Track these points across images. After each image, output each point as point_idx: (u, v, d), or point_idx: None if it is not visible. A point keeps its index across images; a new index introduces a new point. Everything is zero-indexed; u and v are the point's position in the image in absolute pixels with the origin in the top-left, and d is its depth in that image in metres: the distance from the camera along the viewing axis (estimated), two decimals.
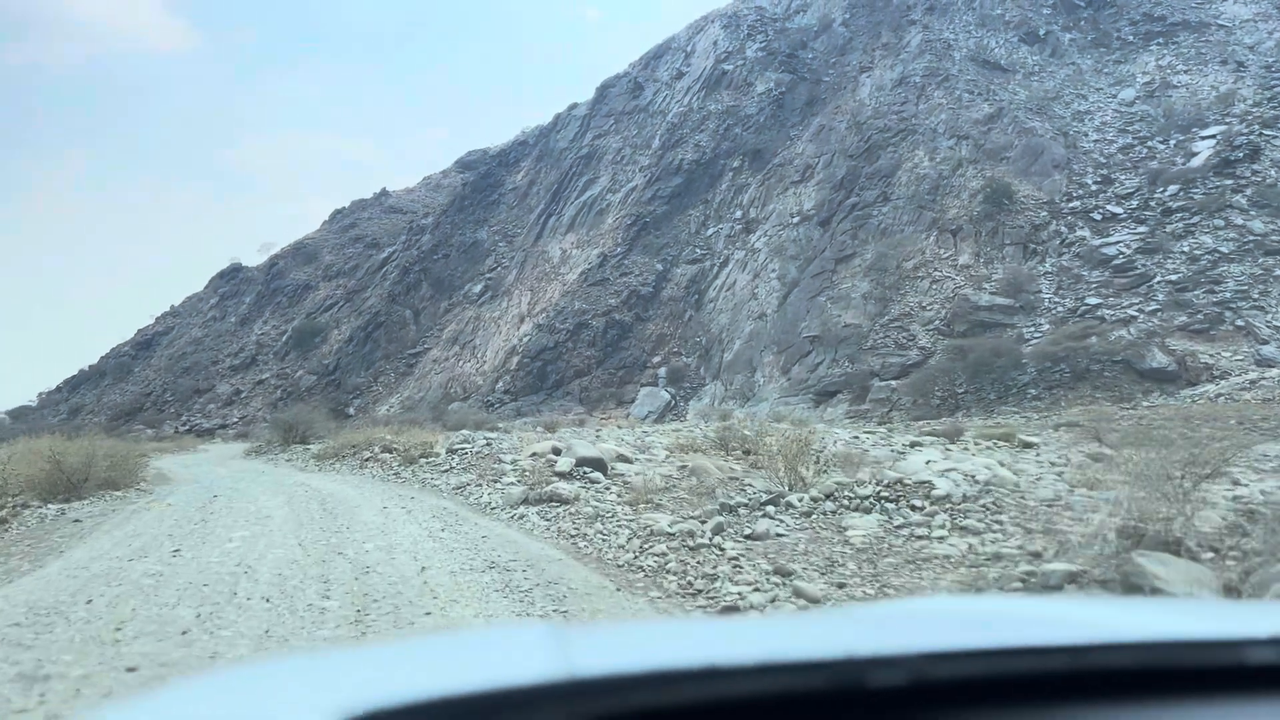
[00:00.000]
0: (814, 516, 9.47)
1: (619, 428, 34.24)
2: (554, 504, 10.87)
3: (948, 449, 16.11)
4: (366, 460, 18.21)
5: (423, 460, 16.37)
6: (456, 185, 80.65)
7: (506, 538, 9.04)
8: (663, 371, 48.25)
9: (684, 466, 13.37)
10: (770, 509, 9.74)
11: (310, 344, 68.53)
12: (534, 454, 14.97)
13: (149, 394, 70.20)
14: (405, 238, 74.45)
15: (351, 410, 56.84)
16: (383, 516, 10.57)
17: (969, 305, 41.09)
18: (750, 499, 10.27)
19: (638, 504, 10.45)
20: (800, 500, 9.97)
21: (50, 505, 12.74)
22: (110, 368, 78.37)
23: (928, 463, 12.28)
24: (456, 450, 16.57)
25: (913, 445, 16.89)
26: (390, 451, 18.19)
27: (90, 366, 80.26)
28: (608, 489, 11.81)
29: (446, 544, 8.54)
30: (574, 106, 71.43)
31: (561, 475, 12.61)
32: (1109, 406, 31.05)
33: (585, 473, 12.85)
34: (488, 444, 17.16)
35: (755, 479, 11.97)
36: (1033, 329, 39.27)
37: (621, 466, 13.65)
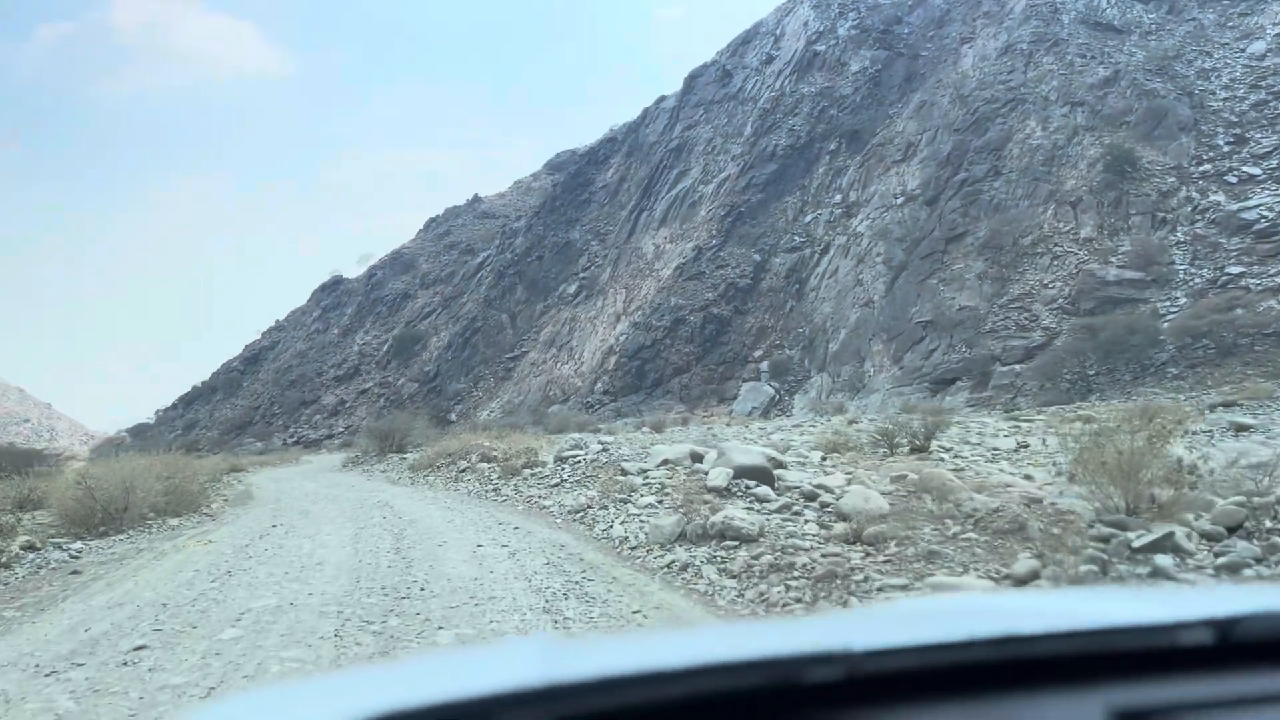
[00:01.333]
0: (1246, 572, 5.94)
1: (727, 424, 32.74)
2: (729, 543, 7.77)
3: None
4: (463, 471, 16.85)
5: (527, 471, 14.50)
6: (547, 187, 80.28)
7: (681, 617, 6.12)
8: (765, 365, 46.51)
9: (901, 478, 10.33)
10: (1157, 558, 6.22)
11: (410, 352, 68.93)
12: (667, 462, 12.55)
13: (257, 407, 71.69)
14: (498, 242, 74.33)
15: (453, 416, 56.71)
16: (475, 564, 8.09)
17: (1095, 281, 38.22)
18: (1103, 537, 6.67)
19: (880, 543, 7.21)
20: (1189, 539, 6.55)
21: (75, 543, 11.13)
22: (221, 383, 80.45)
23: None
24: (566, 458, 14.45)
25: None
26: (489, 461, 16.64)
27: (203, 383, 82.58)
28: (799, 515, 8.81)
29: (579, 629, 5.95)
30: (662, 99, 70.11)
31: (718, 492, 9.88)
32: (1265, 383, 28.18)
33: (748, 488, 9.96)
34: (604, 449, 14.90)
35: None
36: (1168, 303, 36.23)
37: (789, 477, 10.72)
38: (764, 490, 9.93)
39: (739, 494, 9.80)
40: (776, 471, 10.72)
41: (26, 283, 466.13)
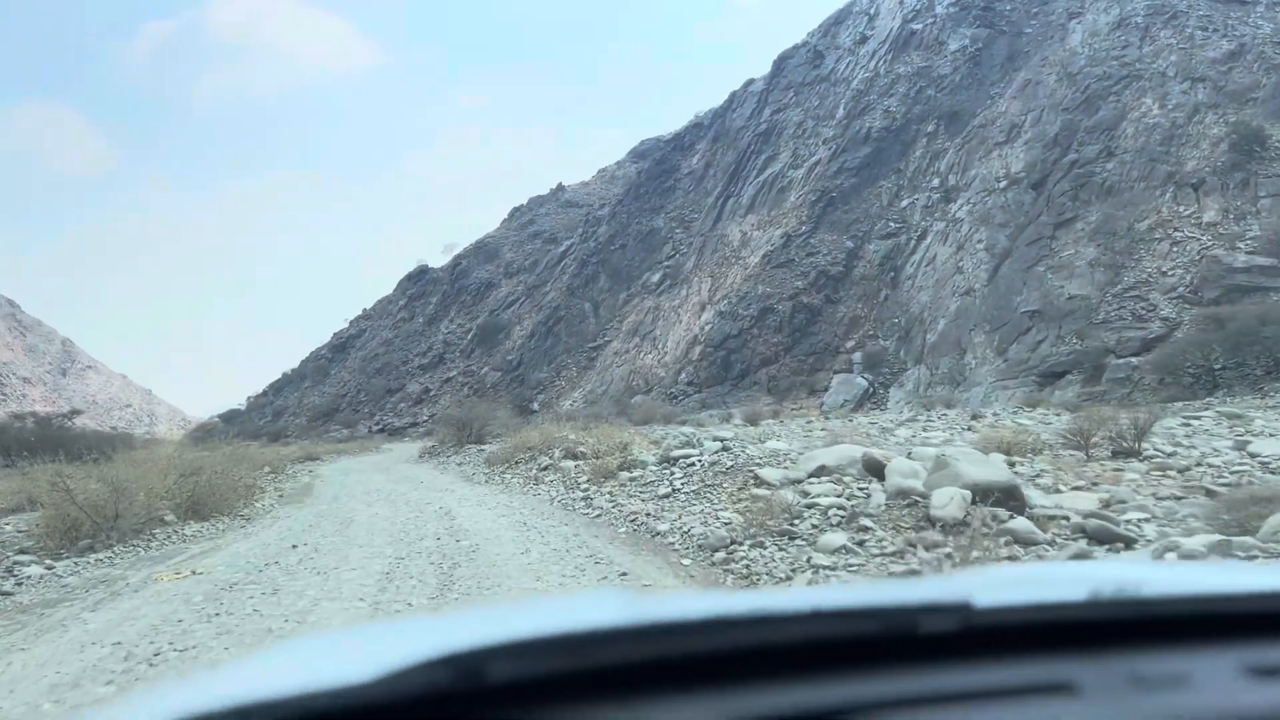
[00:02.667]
0: None
1: (825, 418, 31.13)
2: None
3: None
4: (544, 469, 14.88)
5: (624, 475, 11.88)
6: (631, 175, 79.20)
7: None
8: (857, 357, 44.62)
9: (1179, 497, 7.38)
10: None
11: (494, 340, 68.66)
12: (824, 469, 9.47)
13: (344, 395, 72.32)
14: (582, 230, 73.55)
15: (535, 406, 56.10)
16: None
17: (1221, 268, 35.43)
18: None
19: None
20: None
21: (32, 568, 9.05)
22: (309, 370, 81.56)
23: None
24: (676, 460, 11.78)
25: None
26: (576, 458, 14.57)
27: (292, 370, 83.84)
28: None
29: None
30: (750, 83, 68.25)
31: (950, 527, 6.76)
32: None
33: (999, 521, 6.83)
34: (724, 449, 12.02)
35: None
36: None
37: (1033, 497, 7.71)
38: (1022, 525, 6.74)
39: (988, 531, 6.50)
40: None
41: (130, 273, 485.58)
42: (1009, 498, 7.18)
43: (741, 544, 7.61)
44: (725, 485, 9.97)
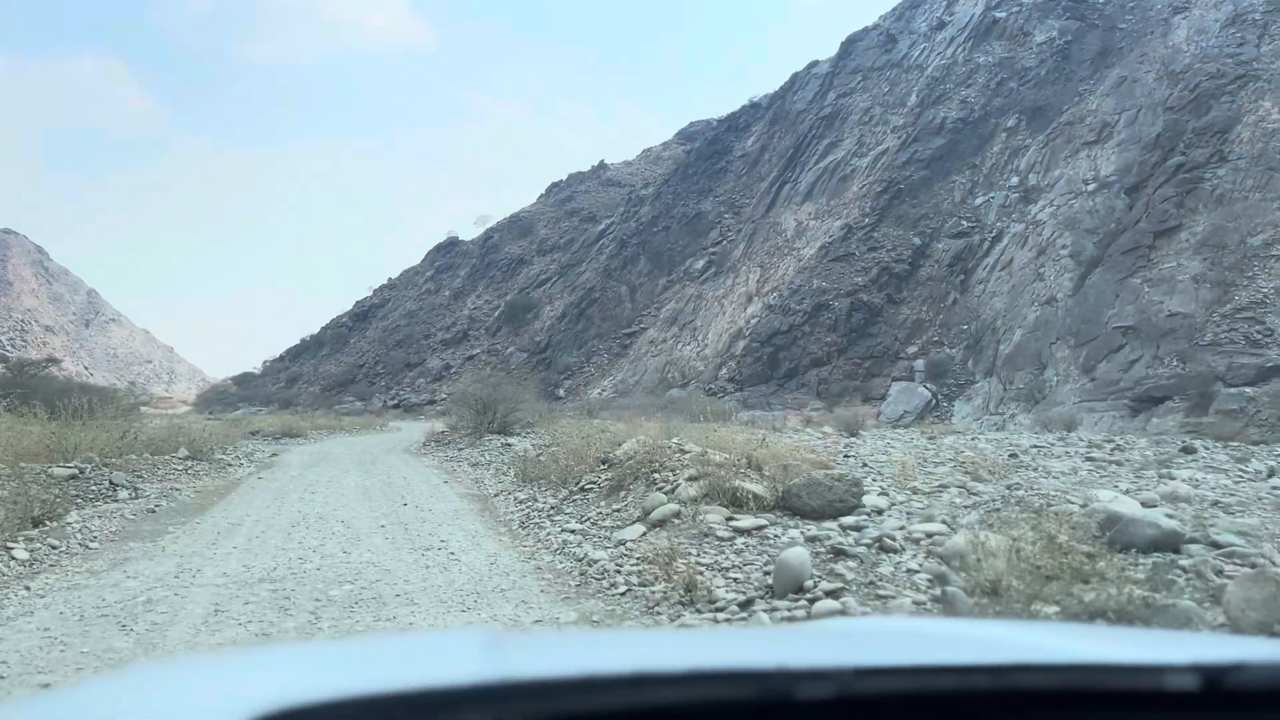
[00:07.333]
0: None
1: (891, 428, 27.24)
2: None
3: None
4: (664, 513, 7.89)
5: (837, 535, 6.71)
6: (679, 156, 75.23)
7: None
8: (919, 364, 40.56)
9: None
10: None
11: (522, 320, 65.06)
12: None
13: (361, 365, 69.03)
14: (623, 210, 69.71)
15: (561, 392, 52.45)
16: None
17: None
18: None
19: None
20: None
21: None
22: (329, 338, 78.37)
23: None
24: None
25: None
26: (699, 485, 8.06)
27: (310, 336, 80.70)
28: None
29: None
30: (814, 64, 64.03)
31: None
32: None
33: None
34: (1012, 490, 8.25)
35: None
36: None
37: None
38: None
39: None
40: None
41: (163, 231, 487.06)
42: None
43: None
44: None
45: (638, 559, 7.01)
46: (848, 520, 7.12)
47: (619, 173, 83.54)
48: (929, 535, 6.56)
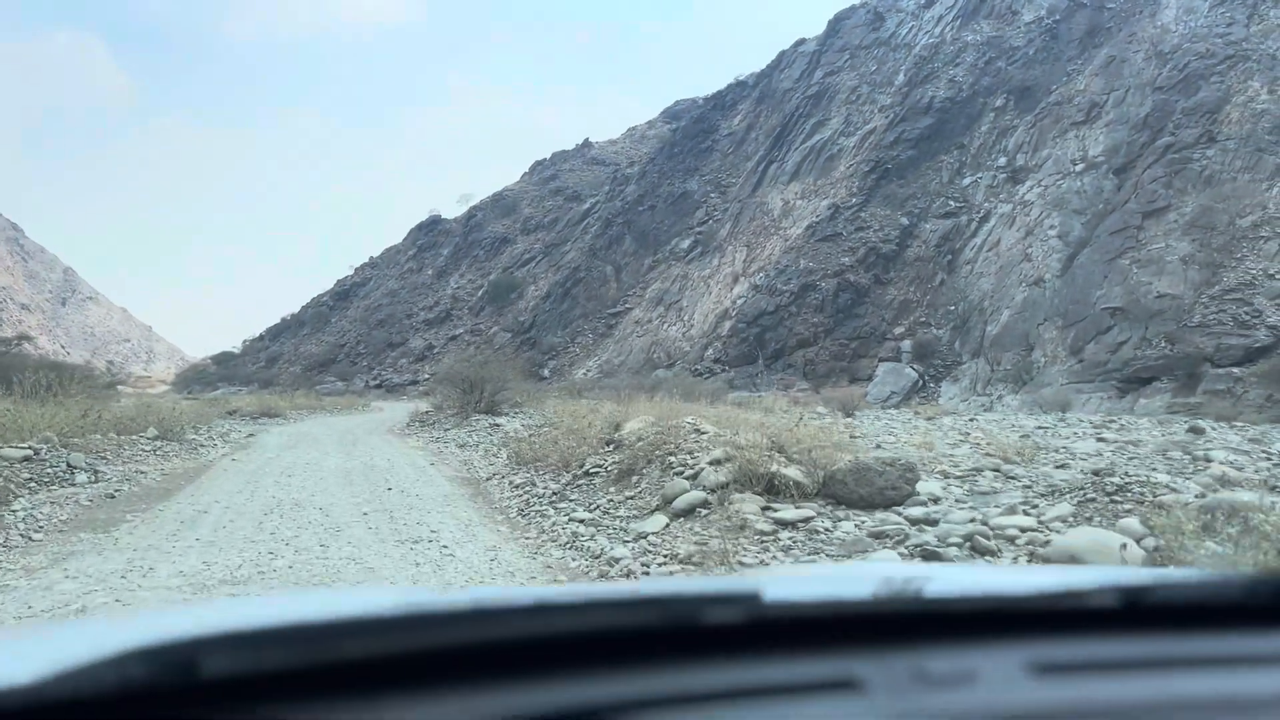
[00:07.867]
0: None
1: (881, 408, 27.02)
2: None
3: None
4: (690, 505, 7.19)
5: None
6: (664, 134, 74.57)
7: None
8: (906, 345, 40.38)
9: None
10: None
11: (506, 299, 64.49)
12: None
13: (343, 345, 68.34)
14: (608, 189, 69.08)
15: (546, 372, 52.03)
16: None
17: None
18: None
19: None
20: None
21: None
22: (309, 317, 77.56)
23: None
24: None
25: None
26: (725, 469, 7.49)
27: (291, 315, 79.82)
28: None
29: None
30: (801, 43, 63.45)
31: None
32: None
33: None
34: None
35: None
36: None
37: None
38: None
39: None
40: None
41: (141, 208, 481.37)
42: None
43: None
44: None
45: (666, 556, 6.17)
46: (914, 511, 6.47)
47: (604, 151, 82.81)
48: (1022, 530, 5.90)
